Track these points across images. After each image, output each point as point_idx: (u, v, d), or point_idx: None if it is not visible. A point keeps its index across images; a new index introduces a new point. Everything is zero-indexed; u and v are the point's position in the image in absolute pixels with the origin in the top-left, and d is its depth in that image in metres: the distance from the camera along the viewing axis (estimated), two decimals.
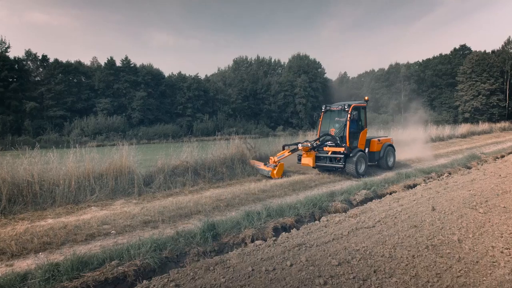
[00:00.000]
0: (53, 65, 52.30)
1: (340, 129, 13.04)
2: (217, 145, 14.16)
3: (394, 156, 15.07)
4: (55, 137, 47.13)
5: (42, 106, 50.45)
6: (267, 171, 12.55)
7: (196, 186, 11.05)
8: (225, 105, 63.70)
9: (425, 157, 17.72)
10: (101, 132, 50.07)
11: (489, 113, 60.64)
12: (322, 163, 13.04)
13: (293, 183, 11.39)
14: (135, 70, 57.17)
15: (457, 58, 67.49)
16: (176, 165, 11.26)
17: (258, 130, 62.18)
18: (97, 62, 59.66)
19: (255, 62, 78.62)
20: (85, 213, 8.36)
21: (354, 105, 13.05)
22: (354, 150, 12.81)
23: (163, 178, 10.68)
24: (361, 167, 12.88)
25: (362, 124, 13.62)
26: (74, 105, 52.59)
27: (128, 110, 55.33)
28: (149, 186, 10.34)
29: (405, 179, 11.78)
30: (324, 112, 13.87)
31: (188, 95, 59.80)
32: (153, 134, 52.88)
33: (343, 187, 10.76)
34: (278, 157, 12.77)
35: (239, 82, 67.37)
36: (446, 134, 26.82)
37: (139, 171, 10.56)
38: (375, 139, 14.46)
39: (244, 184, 11.66)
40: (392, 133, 22.74)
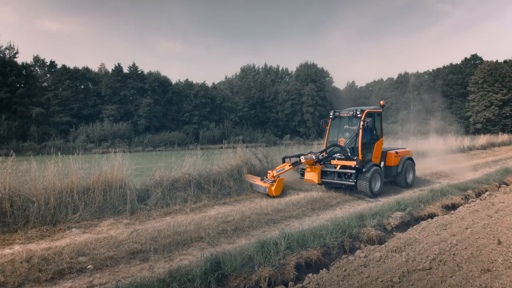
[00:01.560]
0: (60, 71, 51.41)
1: (351, 139, 10.88)
2: (224, 155, 12.55)
3: (414, 172, 12.77)
4: (60, 143, 45.97)
5: (49, 112, 49.44)
6: (263, 187, 10.43)
7: (199, 203, 9.41)
8: (232, 113, 62.31)
9: (451, 171, 15.92)
10: (106, 138, 48.83)
11: (501, 124, 58.51)
12: (329, 179, 10.85)
13: (312, 201, 9.71)
14: (142, 77, 56.13)
15: (468, 67, 65.59)
16: (176, 177, 9.65)
17: (265, 138, 60.59)
18: (104, 69, 58.82)
19: (263, 70, 77.35)
20: (63, 237, 6.77)
21: (368, 111, 10.86)
22: (368, 164, 10.64)
23: (161, 193, 9.07)
24: (376, 184, 10.75)
25: (377, 133, 11.45)
26: (80, 111, 51.54)
27: (135, 117, 54.15)
28: (144, 203, 8.73)
29: (441, 197, 10.03)
30: (333, 119, 11.78)
31: (195, 103, 58.55)
32: (159, 141, 51.55)
33: (371, 207, 9.05)
34: (278, 171, 10.63)
35: (246, 90, 66.04)
36: (466, 145, 24.95)
37: (134, 185, 8.97)
38: (392, 151, 12.27)
39: (254, 201, 10.01)
40: (410, 143, 20.95)
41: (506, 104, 58.73)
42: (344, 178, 10.49)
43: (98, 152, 47.94)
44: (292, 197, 10.26)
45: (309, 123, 65.87)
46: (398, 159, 12.22)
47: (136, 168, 20.28)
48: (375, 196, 10.57)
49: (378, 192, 10.78)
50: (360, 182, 10.36)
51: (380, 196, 10.79)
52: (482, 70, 60.45)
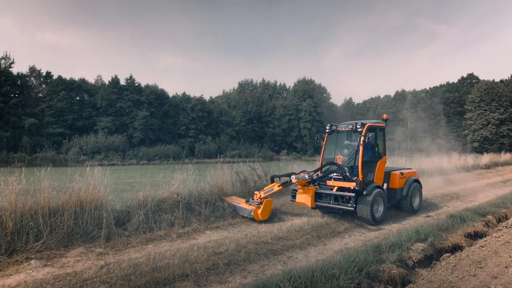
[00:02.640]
0: (56, 82, 50.34)
1: (350, 156, 9.35)
2: (218, 170, 11.33)
3: (420, 195, 11.12)
4: (52, 155, 44.55)
5: (42, 123, 48.17)
6: (248, 210, 8.98)
7: (188, 227, 8.13)
8: (228, 127, 61.27)
9: (461, 192, 14.76)
10: (100, 151, 47.45)
11: (499, 142, 57.84)
12: (324, 202, 9.20)
13: (317, 227, 8.44)
14: (139, 89, 55.20)
15: (464, 86, 65.36)
16: (163, 197, 8.39)
17: (262, 153, 59.40)
18: (101, 81, 57.81)
19: (260, 85, 76.84)
20: (17, 271, 5.49)
21: (369, 125, 9.38)
22: (369, 186, 9.07)
23: (144, 216, 7.80)
24: (378, 210, 9.20)
25: (379, 150, 9.95)
26: (74, 123, 50.28)
27: (130, 129, 52.94)
28: (124, 227, 7.45)
29: (461, 223, 8.82)
30: (329, 134, 10.28)
31: (192, 116, 57.53)
32: (154, 154, 50.24)
33: (386, 235, 7.84)
34: (265, 192, 9.16)
35: (243, 104, 65.23)
36: (470, 164, 23.89)
37: (113, 205, 7.69)
38: (397, 171, 10.67)
39: (251, 225, 8.75)
40: (415, 162, 19.81)
41: (503, 123, 58.21)
42: (342, 201, 8.86)
43: (91, 164, 46.45)
44: (294, 221, 9.00)
45: (306, 138, 64.96)
46: (403, 181, 10.64)
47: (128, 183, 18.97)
48: (377, 223, 9.02)
49: (381, 218, 9.23)
50: (360, 206, 8.82)
51: (383, 223, 9.30)
52: (479, 89, 60.14)
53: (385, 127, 10.33)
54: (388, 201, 9.86)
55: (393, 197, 10.29)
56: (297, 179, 8.62)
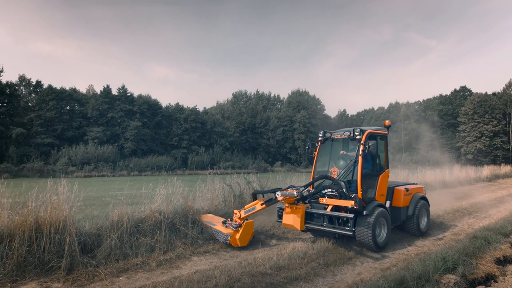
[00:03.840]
0: (46, 91, 48.87)
1: (347, 169, 7.84)
2: (209, 185, 10.06)
3: (428, 215, 9.45)
4: (39, 166, 42.77)
5: (30, 133, 46.48)
6: (224, 234, 7.36)
7: (171, 253, 6.80)
8: (222, 138, 60.02)
9: (472, 207, 13.63)
10: (89, 162, 45.73)
11: (492, 155, 57.40)
12: (316, 224, 7.59)
13: (323, 252, 7.14)
14: (132, 99, 53.89)
15: (458, 99, 65.20)
16: (142, 217, 7.06)
17: (256, 165, 58.11)
18: (92, 90, 56.43)
19: (254, 97, 75.96)
20: None
21: (370, 132, 7.86)
22: (370, 205, 7.44)
23: (118, 240, 6.46)
24: (381, 233, 7.59)
25: (381, 162, 8.39)
26: (64, 133, 48.67)
27: (121, 140, 51.41)
28: (91, 255, 6.10)
29: (486, 247, 7.61)
30: (322, 142, 8.70)
31: (185, 127, 56.22)
32: (145, 165, 48.58)
33: (405, 261, 6.58)
34: (246, 211, 7.59)
35: (237, 115, 64.16)
36: (472, 177, 22.87)
37: (78, 228, 6.33)
38: (401, 187, 9.04)
39: (245, 251, 7.42)
40: (418, 175, 18.66)
41: (496, 135, 57.89)
42: (338, 223, 7.27)
43: (80, 175, 44.78)
44: (296, 244, 7.70)
45: (300, 150, 63.88)
46: (409, 199, 8.99)
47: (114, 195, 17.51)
48: (380, 250, 7.44)
49: (385, 243, 7.63)
50: (360, 229, 7.19)
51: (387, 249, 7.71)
52: (472, 102, 59.91)
53: (388, 135, 8.71)
54: (392, 222, 8.22)
55: (397, 217, 8.63)
56: (284, 196, 6.97)
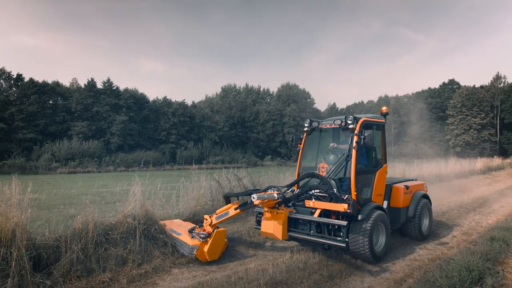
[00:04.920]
0: (27, 84, 46.58)
1: (338, 164, 6.47)
2: (194, 181, 8.95)
3: (431, 216, 8.26)
4: (21, 162, 40.85)
5: (11, 128, 44.34)
6: (189, 247, 5.96)
7: (147, 265, 5.69)
8: (211, 132, 58.64)
9: (474, 202, 12.84)
10: (74, 157, 43.92)
11: (480, 147, 57.62)
12: (302, 233, 6.20)
13: (326, 261, 6.11)
14: (118, 93, 51.97)
15: (446, 92, 65.18)
16: (112, 223, 5.90)
17: (246, 159, 57.01)
18: (76, 84, 54.26)
19: (244, 90, 74.58)
20: None
21: (364, 120, 6.51)
22: (366, 207, 6.18)
23: (81, 252, 5.31)
24: (379, 241, 6.36)
25: (377, 156, 7.15)
26: (47, 128, 46.62)
27: (107, 134, 49.58)
28: (46, 272, 4.95)
29: (506, 249, 6.72)
30: (309, 133, 7.39)
31: (173, 121, 54.60)
32: (132, 161, 46.92)
33: (421, 269, 5.61)
34: (217, 216, 6.27)
35: (226, 109, 62.79)
36: (467, 170, 22.24)
37: (30, 239, 5.15)
38: (400, 184, 7.83)
39: (235, 261, 6.35)
40: (415, 168, 17.81)
41: (484, 128, 58.08)
42: (327, 232, 5.94)
43: (63, 172, 43.00)
44: (295, 253, 6.65)
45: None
46: (409, 198, 7.76)
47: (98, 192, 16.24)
48: (379, 261, 6.16)
49: (383, 252, 6.35)
50: (354, 237, 5.88)
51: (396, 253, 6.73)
52: (460, 95, 59.92)
53: (385, 124, 7.36)
54: (390, 225, 6.83)
55: (396, 220, 7.38)
56: (261, 200, 5.54)
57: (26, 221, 5.17)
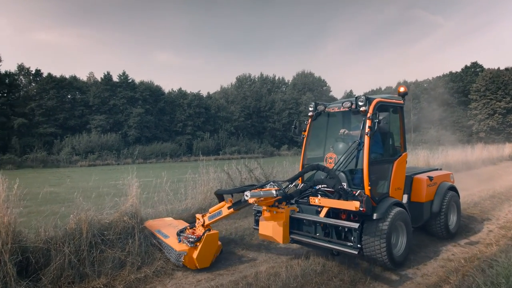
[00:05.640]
0: (45, 80, 47.19)
1: (348, 154, 5.48)
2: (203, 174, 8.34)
3: (459, 210, 7.21)
4: (43, 156, 41.52)
5: (32, 123, 45.07)
6: (176, 253, 5.19)
7: (147, 268, 5.11)
8: (227, 123, 58.15)
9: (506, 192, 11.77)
10: (93, 151, 44.38)
11: (506, 132, 54.88)
12: (306, 236, 5.27)
13: (345, 262, 5.38)
14: (133, 86, 52.05)
15: (469, 75, 62.23)
16: (107, 223, 5.34)
17: (262, 149, 56.42)
18: (93, 78, 54.54)
19: (259, 80, 73.48)
20: None
21: (379, 101, 5.52)
22: (383, 204, 5.23)
23: (74, 255, 4.77)
24: (399, 243, 5.40)
25: (395, 143, 6.16)
26: (66, 122, 47.22)
27: (125, 127, 49.84)
28: (35, 278, 4.44)
29: None
30: (314, 118, 6.33)
31: (189, 112, 54.37)
32: (150, 153, 47.14)
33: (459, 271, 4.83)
34: (210, 216, 5.44)
35: (242, 99, 62.05)
36: (495, 157, 20.87)
37: (21, 242, 4.64)
38: (422, 175, 6.79)
39: (248, 260, 5.70)
40: (439, 155, 16.67)
41: (510, 112, 55.25)
42: (337, 235, 5.00)
43: (84, 165, 43.54)
44: (314, 256, 5.94)
45: None
46: (434, 190, 6.70)
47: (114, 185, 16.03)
48: (399, 266, 5.21)
49: (404, 256, 5.35)
50: (370, 240, 4.96)
51: (426, 250, 5.94)
52: (484, 78, 57.07)
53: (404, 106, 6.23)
54: (412, 223, 5.80)
55: (418, 217, 6.35)
56: (256, 198, 4.72)
57: (13, 221, 4.66)
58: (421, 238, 6.69)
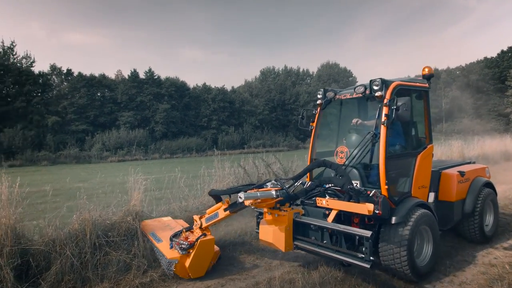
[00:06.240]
0: (76, 78, 48.66)
1: (362, 147, 4.66)
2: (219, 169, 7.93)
3: (496, 210, 6.29)
4: (75, 152, 42.96)
5: (65, 121, 46.66)
6: (167, 261, 4.64)
7: (153, 272, 4.75)
8: (251, 117, 57.76)
9: None
10: (122, 146, 45.45)
11: None
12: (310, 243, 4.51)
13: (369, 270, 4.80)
14: (159, 82, 52.70)
15: (505, 60, 58.21)
16: (111, 223, 5.03)
17: (287, 142, 55.72)
18: (121, 75, 55.66)
19: (283, 72, 72.43)
20: None
21: (398, 84, 4.73)
22: (403, 206, 4.45)
23: (76, 258, 4.48)
24: (423, 251, 4.67)
25: (419, 134, 5.38)
26: (96, 119, 48.55)
27: (152, 123, 50.67)
28: (34, 283, 4.17)
29: None
30: (323, 107, 5.59)
31: (213, 107, 54.44)
32: (176, 148, 47.78)
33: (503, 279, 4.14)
34: (207, 218, 4.90)
35: (266, 92, 61.38)
36: None
37: (22, 244, 4.39)
38: (452, 169, 5.97)
39: (262, 261, 5.24)
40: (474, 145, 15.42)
41: None
42: (347, 244, 4.25)
43: (114, 160, 44.71)
44: None
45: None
46: (466, 187, 5.82)
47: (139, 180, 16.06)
48: (422, 278, 4.47)
49: (429, 267, 4.61)
50: (387, 248, 4.28)
51: (464, 254, 5.20)
52: None
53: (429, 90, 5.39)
54: (439, 226, 5.02)
55: (447, 218, 5.54)
56: (253, 200, 4.13)
57: (13, 222, 4.43)
58: (454, 238, 5.95)
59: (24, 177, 5.10)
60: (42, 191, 11.00)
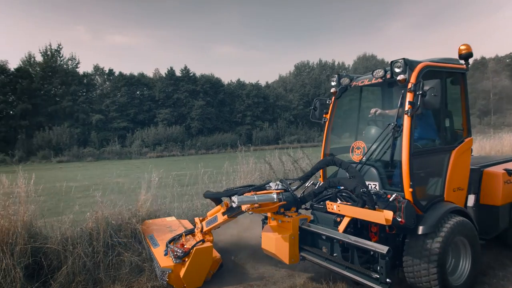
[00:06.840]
0: (117, 78, 50.63)
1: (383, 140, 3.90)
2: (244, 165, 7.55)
3: None
4: (117, 149, 44.82)
5: (107, 118, 48.77)
6: (161, 270, 4.10)
7: None
8: (285, 112, 57.05)
9: None
10: (160, 142, 46.77)
11: None
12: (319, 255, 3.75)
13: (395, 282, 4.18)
14: (194, 79, 53.46)
15: None
16: (120, 223, 4.79)
17: (322, 137, 54.21)
18: (158, 74, 57.13)
19: (317, 66, 70.70)
20: None
21: (426, 65, 3.81)
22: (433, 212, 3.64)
23: (89, 258, 4.30)
24: (458, 268, 3.81)
25: (454, 125, 4.46)
26: (136, 117, 50.26)
27: (188, 120, 51.63)
28: (44, 283, 4.03)
29: None
30: (338, 96, 4.91)
31: (247, 103, 54.38)
32: (212, 143, 48.33)
33: None
34: (208, 221, 4.39)
35: (300, 87, 60.32)
36: None
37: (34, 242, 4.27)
38: (496, 167, 5.02)
39: (281, 269, 4.78)
40: None
41: None
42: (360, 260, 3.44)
43: (152, 156, 46.13)
44: None
45: None
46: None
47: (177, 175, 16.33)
48: None
49: (467, 287, 3.82)
50: (413, 263, 3.55)
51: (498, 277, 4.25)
52: None
53: (466, 73, 4.43)
54: (482, 234, 4.21)
55: (491, 226, 4.67)
56: (250, 204, 3.65)
57: (28, 219, 4.32)
58: (500, 249, 5.10)
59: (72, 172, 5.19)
60: (84, 186, 11.37)
